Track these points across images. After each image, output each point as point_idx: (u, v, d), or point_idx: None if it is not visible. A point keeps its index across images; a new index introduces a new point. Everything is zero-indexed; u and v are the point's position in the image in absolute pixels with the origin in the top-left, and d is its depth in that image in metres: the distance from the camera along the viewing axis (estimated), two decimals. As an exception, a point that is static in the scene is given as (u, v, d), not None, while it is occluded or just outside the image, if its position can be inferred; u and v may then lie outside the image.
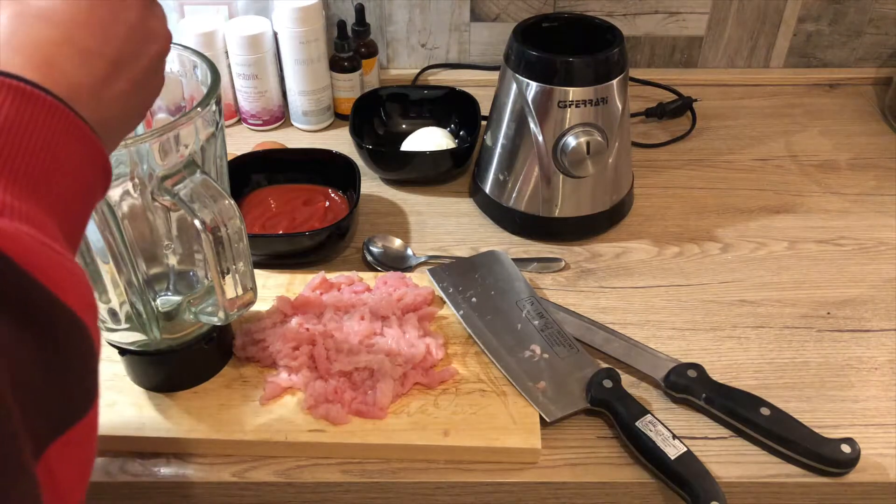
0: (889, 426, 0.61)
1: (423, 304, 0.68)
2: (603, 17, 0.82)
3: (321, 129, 0.99)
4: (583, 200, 0.78)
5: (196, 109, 0.48)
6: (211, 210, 0.49)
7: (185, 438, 0.58)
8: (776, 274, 0.76)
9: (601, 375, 0.61)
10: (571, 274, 0.76)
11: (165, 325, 0.58)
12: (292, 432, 0.58)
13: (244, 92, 0.95)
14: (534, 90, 0.74)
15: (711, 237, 0.81)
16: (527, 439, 0.58)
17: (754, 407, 0.59)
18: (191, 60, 0.54)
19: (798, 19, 1.05)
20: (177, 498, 0.59)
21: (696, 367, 0.62)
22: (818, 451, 0.57)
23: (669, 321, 0.70)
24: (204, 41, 0.91)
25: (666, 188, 0.88)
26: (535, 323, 0.67)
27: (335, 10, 1.03)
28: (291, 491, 0.58)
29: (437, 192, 0.88)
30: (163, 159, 0.48)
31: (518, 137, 0.77)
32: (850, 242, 0.80)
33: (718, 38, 1.07)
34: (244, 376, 0.63)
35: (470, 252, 0.78)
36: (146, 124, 0.58)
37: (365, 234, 0.80)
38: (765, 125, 1.00)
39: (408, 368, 0.62)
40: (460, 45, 1.07)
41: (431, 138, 0.88)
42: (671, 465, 0.55)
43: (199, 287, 0.59)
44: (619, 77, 0.74)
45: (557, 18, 0.81)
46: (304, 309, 0.67)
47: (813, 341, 0.69)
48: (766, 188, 0.88)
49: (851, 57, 1.08)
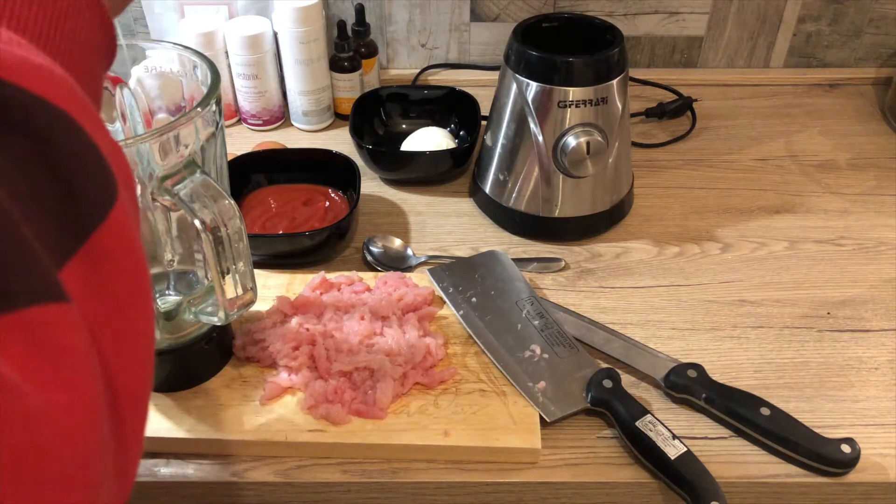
0: (889, 426, 0.61)
1: (423, 304, 0.68)
2: (603, 17, 0.82)
3: (321, 129, 0.99)
4: (583, 200, 0.78)
5: (196, 109, 0.48)
6: (211, 210, 0.49)
7: (185, 438, 0.58)
8: (776, 274, 0.76)
9: (601, 375, 0.61)
10: (571, 274, 0.76)
11: (165, 325, 0.58)
12: (292, 432, 0.58)
13: (244, 92, 0.95)
14: (534, 90, 0.74)
15: (711, 237, 0.81)
16: (527, 439, 0.58)
17: (754, 407, 0.59)
18: (191, 60, 0.54)
19: (798, 19, 1.05)
20: (177, 498, 0.59)
21: (696, 367, 0.62)
22: (818, 451, 0.57)
23: (669, 321, 0.70)
24: (204, 41, 0.91)
25: (666, 188, 0.88)
26: (535, 323, 0.67)
27: (335, 10, 1.03)
28: (291, 491, 0.58)
29: (437, 192, 0.88)
30: (163, 159, 0.48)
31: (518, 137, 0.77)
32: (850, 242, 0.80)
33: (718, 38, 1.07)
34: (244, 376, 0.63)
35: (470, 252, 0.78)
36: (146, 124, 0.58)
37: (365, 234, 0.80)
38: (765, 125, 1.00)
39: (408, 368, 0.62)
40: (460, 45, 1.07)
41: (431, 138, 0.88)
42: (671, 465, 0.55)
43: (199, 287, 0.59)
44: (619, 77, 0.74)
45: (557, 18, 0.81)
46: (304, 309, 0.67)
47: (813, 341, 0.69)
48: (766, 188, 0.88)
49: (851, 57, 1.08)
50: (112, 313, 0.28)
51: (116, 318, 0.28)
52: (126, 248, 0.29)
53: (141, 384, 0.29)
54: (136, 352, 0.29)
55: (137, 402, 0.29)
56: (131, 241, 0.29)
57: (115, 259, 0.28)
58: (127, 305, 0.28)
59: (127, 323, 0.28)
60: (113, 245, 0.28)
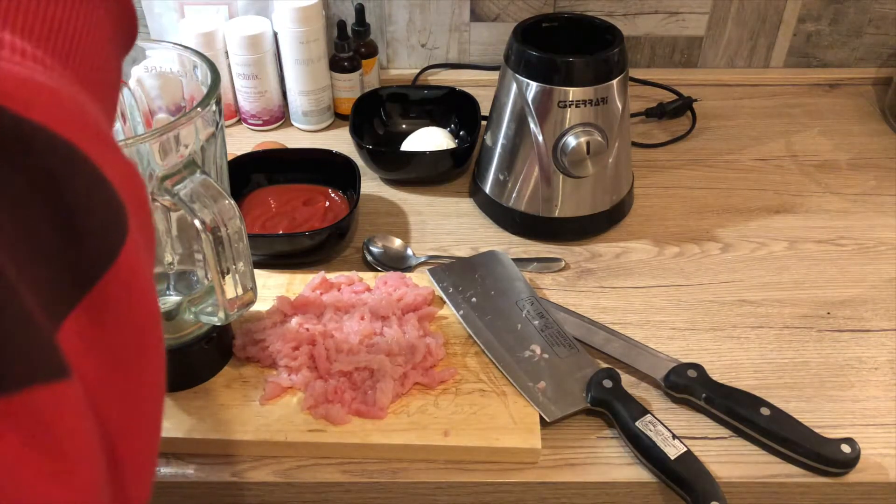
0: (889, 426, 0.61)
1: (423, 304, 0.68)
2: (603, 17, 0.82)
3: (321, 129, 0.99)
4: (583, 200, 0.78)
5: (196, 109, 0.48)
6: (211, 210, 0.49)
7: (185, 438, 0.58)
8: (776, 274, 0.76)
9: (601, 375, 0.61)
10: (571, 274, 0.76)
11: (165, 325, 0.58)
12: (292, 432, 0.58)
13: (244, 92, 0.95)
14: (534, 90, 0.74)
15: (711, 237, 0.81)
16: (527, 439, 0.58)
17: (754, 407, 0.59)
18: (191, 60, 0.54)
19: (798, 19, 1.05)
20: (177, 498, 0.59)
21: (696, 367, 0.62)
22: (818, 451, 0.57)
23: (669, 321, 0.70)
24: (204, 41, 0.91)
25: (666, 188, 0.88)
26: (535, 323, 0.67)
27: (335, 10, 1.03)
28: (291, 491, 0.58)
29: (437, 192, 0.88)
30: (163, 159, 0.48)
31: (518, 137, 0.77)
32: (850, 242, 0.80)
33: (718, 38, 1.07)
34: (244, 376, 0.63)
35: (470, 252, 0.78)
36: (146, 124, 0.58)
37: (365, 234, 0.80)
38: (765, 125, 1.00)
39: (408, 368, 0.62)
40: (460, 45, 1.07)
41: (431, 138, 0.88)
42: (671, 465, 0.55)
43: (199, 287, 0.59)
44: (619, 77, 0.74)
45: (557, 18, 0.81)
46: (304, 309, 0.67)
47: (813, 341, 0.69)
48: (766, 188, 0.88)
49: (851, 57, 1.08)
50: (117, 370, 0.25)
51: (122, 374, 0.25)
52: (135, 295, 0.26)
53: (148, 443, 0.27)
54: (143, 409, 0.27)
55: (143, 465, 0.27)
56: (141, 287, 0.26)
57: (122, 308, 0.25)
58: (134, 359, 0.26)
59: (133, 379, 0.26)
60: (120, 293, 0.25)
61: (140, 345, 0.26)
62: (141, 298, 0.26)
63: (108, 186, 0.25)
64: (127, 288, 0.25)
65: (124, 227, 0.25)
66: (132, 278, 0.25)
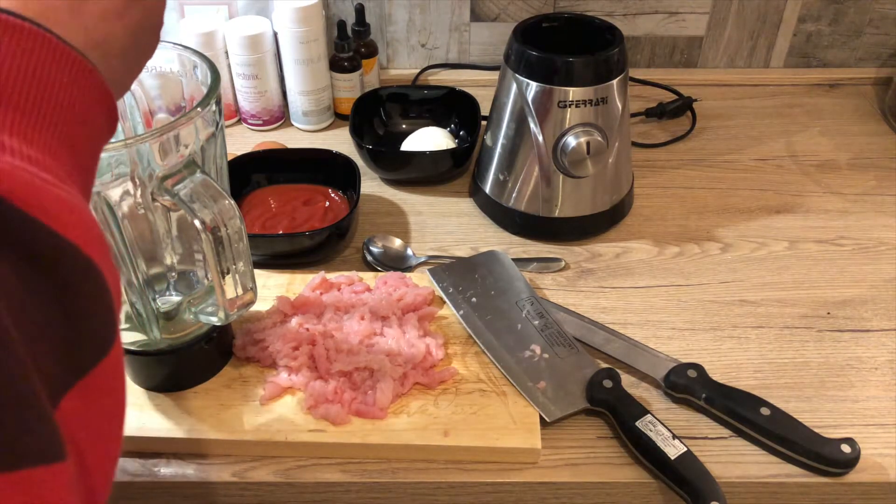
0: (889, 426, 0.61)
1: (423, 304, 0.68)
2: (603, 17, 0.82)
3: (321, 129, 0.99)
4: (583, 200, 0.78)
5: (196, 109, 0.48)
6: (211, 210, 0.49)
7: (185, 438, 0.58)
8: (776, 274, 0.76)
9: (601, 375, 0.61)
10: (571, 274, 0.76)
11: (165, 325, 0.58)
12: (292, 432, 0.58)
13: (244, 92, 0.95)
14: (534, 90, 0.74)
15: (711, 237, 0.81)
16: (527, 439, 0.58)
17: (754, 407, 0.59)
18: (191, 60, 0.54)
19: (798, 19, 1.05)
20: (177, 498, 0.59)
21: (696, 367, 0.62)
22: (818, 451, 0.57)
23: (669, 321, 0.70)
24: (204, 41, 0.91)
25: (666, 188, 0.88)
26: (535, 323, 0.67)
27: (335, 10, 1.03)
28: (291, 491, 0.58)
29: (437, 192, 0.88)
30: (163, 159, 0.48)
31: (518, 137, 0.77)
32: (850, 242, 0.80)
33: (718, 38, 1.07)
34: (244, 376, 0.63)
35: (470, 252, 0.78)
36: (146, 124, 0.58)
37: (365, 234, 0.80)
38: (765, 125, 1.00)
39: (408, 368, 0.62)
40: (460, 45, 1.07)
41: (431, 138, 0.88)
42: (671, 465, 0.55)
43: (199, 287, 0.59)
44: (619, 77, 0.74)
45: (557, 18, 0.81)
46: (304, 309, 0.67)
47: (813, 341, 0.69)
48: (766, 188, 0.88)
49: (851, 57, 1.08)
50: (96, 439, 0.29)
51: (100, 442, 0.29)
52: (117, 382, 0.30)
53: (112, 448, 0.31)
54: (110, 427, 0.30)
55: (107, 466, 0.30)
56: (121, 376, 0.31)
57: (106, 393, 0.30)
58: (108, 430, 0.30)
59: (106, 445, 0.30)
60: (106, 382, 0.29)
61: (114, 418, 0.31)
62: (120, 384, 0.31)
63: (110, 295, 0.30)
64: (112, 377, 0.30)
65: (115, 326, 0.30)
66: (116, 368, 0.30)
